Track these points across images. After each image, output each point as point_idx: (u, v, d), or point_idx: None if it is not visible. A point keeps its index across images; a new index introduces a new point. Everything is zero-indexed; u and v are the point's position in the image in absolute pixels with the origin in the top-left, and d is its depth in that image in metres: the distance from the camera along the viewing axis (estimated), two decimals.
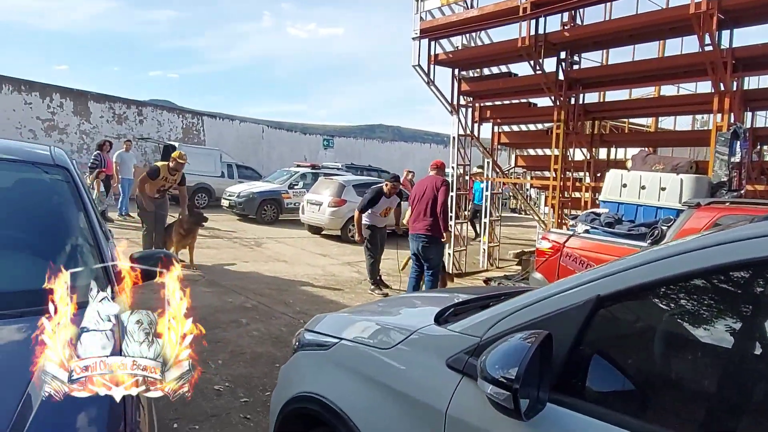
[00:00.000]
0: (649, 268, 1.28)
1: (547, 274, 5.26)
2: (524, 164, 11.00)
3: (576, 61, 8.26)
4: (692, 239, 1.35)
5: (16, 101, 15.73)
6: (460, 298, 2.31)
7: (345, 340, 1.97)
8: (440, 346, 1.60)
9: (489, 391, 1.17)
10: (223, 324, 5.26)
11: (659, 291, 1.33)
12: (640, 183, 5.72)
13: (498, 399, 1.15)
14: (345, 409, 1.78)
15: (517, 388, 1.11)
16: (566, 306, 1.32)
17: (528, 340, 1.20)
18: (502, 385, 1.14)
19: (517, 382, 1.11)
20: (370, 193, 7.02)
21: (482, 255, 10.01)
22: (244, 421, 3.37)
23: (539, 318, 1.37)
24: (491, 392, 1.16)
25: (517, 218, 19.11)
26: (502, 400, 1.13)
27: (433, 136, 42.42)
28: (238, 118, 22.22)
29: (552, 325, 1.32)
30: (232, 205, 13.45)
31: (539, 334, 1.21)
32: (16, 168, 2.34)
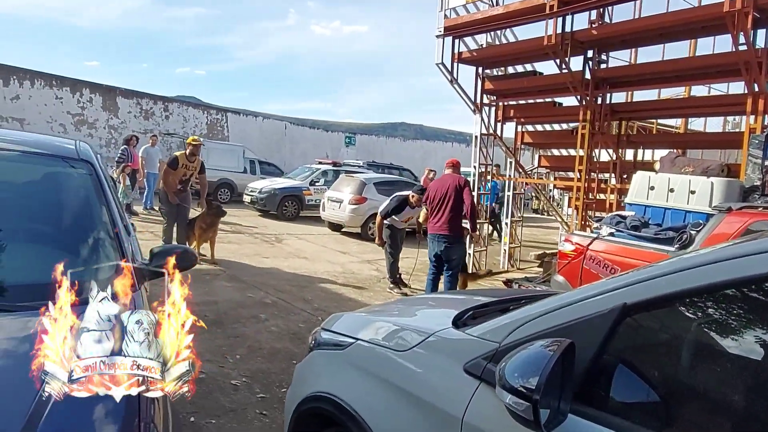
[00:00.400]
0: (679, 276, 1.23)
1: (569, 277, 5.16)
2: (548, 164, 10.84)
3: (603, 60, 8.09)
4: (726, 247, 1.28)
5: (48, 96, 16.14)
6: (478, 300, 2.26)
7: (361, 340, 1.94)
8: (457, 350, 1.56)
9: (508, 401, 1.13)
10: (243, 319, 5.30)
11: (689, 300, 1.27)
12: (669, 185, 5.56)
13: (517, 409, 1.11)
14: (359, 411, 1.76)
15: (537, 398, 1.06)
16: (590, 314, 1.27)
17: (550, 348, 1.16)
18: (522, 394, 1.10)
19: (537, 392, 1.07)
20: (395, 201, 6.98)
21: (503, 256, 9.90)
22: (260, 417, 3.38)
23: (561, 325, 1.32)
24: (510, 402, 1.12)
25: (539, 219, 18.87)
26: (522, 411, 1.09)
27: (455, 134, 42.20)
28: (262, 115, 22.45)
29: (574, 333, 1.27)
30: (254, 200, 13.56)
31: (561, 342, 1.16)
32: (42, 161, 2.38)
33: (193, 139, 7.70)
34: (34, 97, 15.88)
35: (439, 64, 8.73)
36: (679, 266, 1.25)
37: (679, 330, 1.36)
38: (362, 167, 16.24)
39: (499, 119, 9.59)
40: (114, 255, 2.05)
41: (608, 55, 8.16)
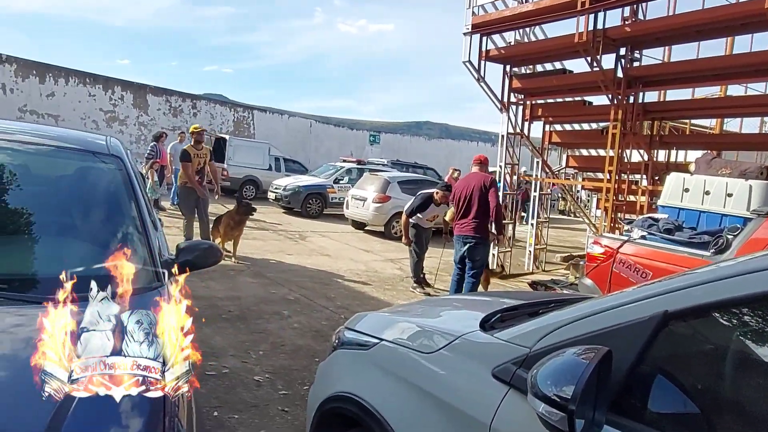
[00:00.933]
0: (725, 284, 1.16)
1: (597, 280, 5.04)
2: (576, 165, 10.62)
3: (636, 58, 7.89)
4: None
5: (81, 93, 16.54)
6: (505, 302, 2.20)
7: (386, 341, 1.91)
8: (486, 354, 1.51)
9: (540, 410, 1.08)
10: (266, 315, 5.32)
11: (735, 310, 1.20)
12: (704, 188, 5.38)
13: (551, 419, 1.06)
14: (382, 412, 1.73)
15: (573, 409, 1.01)
16: (629, 320, 1.21)
17: (585, 356, 1.10)
18: (556, 404, 1.05)
19: (573, 402, 1.01)
20: (419, 198, 6.92)
21: (528, 257, 9.75)
22: (282, 414, 3.38)
23: (597, 332, 1.26)
24: (543, 411, 1.07)
25: (565, 221, 18.56)
26: (556, 421, 1.04)
27: (480, 134, 41.86)
28: (288, 113, 22.60)
29: (611, 341, 1.21)
30: (278, 198, 13.66)
31: (598, 350, 1.10)
32: (74, 156, 2.40)
33: (195, 127, 7.94)
34: (68, 95, 16.29)
35: (466, 62, 8.63)
36: (726, 273, 1.18)
37: (722, 340, 1.29)
38: (386, 166, 16.20)
39: (526, 118, 9.43)
40: (142, 249, 2.06)
41: (641, 53, 7.95)
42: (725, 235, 4.43)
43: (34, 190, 2.18)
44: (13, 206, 2.07)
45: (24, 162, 2.31)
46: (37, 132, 2.77)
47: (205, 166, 7.74)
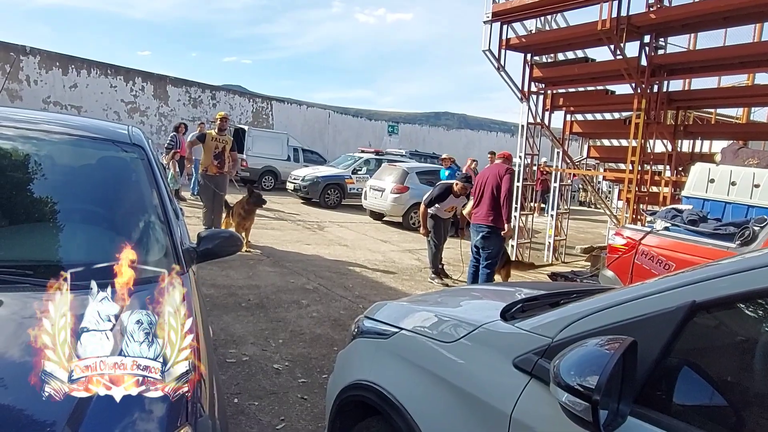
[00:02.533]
0: (754, 274, 1.12)
1: (619, 272, 4.97)
2: (597, 155, 10.45)
3: (661, 45, 7.70)
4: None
5: (103, 84, 16.77)
6: (525, 292, 2.18)
7: (405, 330, 1.90)
8: (507, 343, 1.50)
9: (564, 400, 1.06)
10: (285, 304, 5.37)
11: (763, 301, 1.16)
12: (731, 178, 5.25)
13: (574, 409, 1.04)
14: (401, 400, 1.73)
15: (597, 399, 1.00)
16: (654, 311, 1.19)
17: (610, 346, 1.09)
18: (580, 394, 1.04)
19: (597, 392, 1.00)
20: (438, 189, 6.89)
21: (547, 249, 9.66)
22: (301, 401, 3.41)
23: (621, 322, 1.24)
24: (566, 401, 1.06)
25: (585, 212, 18.32)
26: (580, 411, 1.03)
27: (499, 124, 41.41)
28: (306, 103, 22.61)
29: (636, 331, 1.19)
30: (297, 188, 13.72)
31: (623, 340, 1.08)
32: (97, 146, 2.43)
33: (220, 114, 8.05)
34: (90, 86, 16.53)
35: (485, 50, 8.52)
36: (756, 264, 1.15)
37: (750, 331, 1.26)
38: (404, 156, 16.15)
39: (547, 108, 9.29)
40: (164, 238, 2.08)
41: (666, 40, 7.75)
42: (752, 227, 4.33)
43: (57, 179, 2.21)
44: (38, 195, 2.10)
45: (48, 151, 2.34)
46: (60, 121, 2.80)
47: (224, 153, 7.74)
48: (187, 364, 1.60)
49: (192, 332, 1.77)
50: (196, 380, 1.57)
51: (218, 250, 2.37)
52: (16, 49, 15.34)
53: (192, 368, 1.61)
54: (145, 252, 2.03)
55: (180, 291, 1.95)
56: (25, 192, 2.06)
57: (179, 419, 1.40)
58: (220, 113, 8.15)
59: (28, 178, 2.12)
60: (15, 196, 2.02)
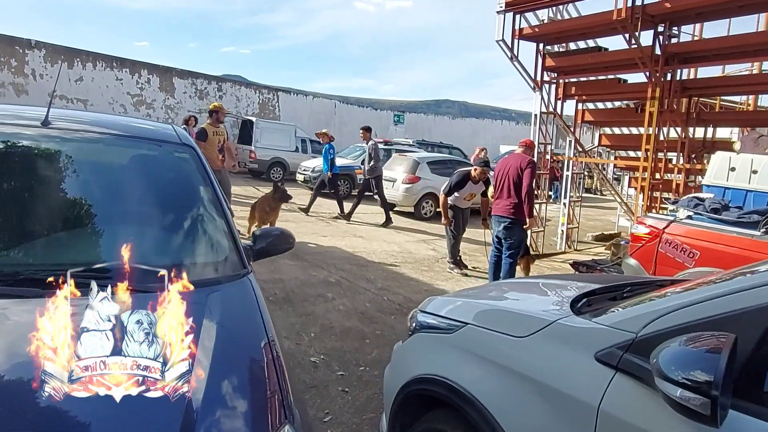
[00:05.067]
0: None
1: (642, 260, 5.02)
2: (608, 143, 10.47)
3: (675, 34, 7.70)
4: None
5: (109, 77, 16.74)
6: (578, 285, 2.23)
7: (472, 324, 1.96)
8: (587, 338, 1.56)
9: (678, 395, 1.12)
10: (311, 298, 5.43)
11: None
12: (752, 167, 5.29)
13: (691, 404, 1.10)
14: (474, 393, 1.78)
15: (716, 395, 1.05)
16: (749, 306, 1.24)
17: (715, 343, 1.14)
18: (694, 389, 1.09)
19: (716, 388, 1.05)
20: (456, 176, 6.91)
21: (560, 237, 9.71)
22: (342, 394, 3.48)
23: (712, 317, 1.29)
24: (681, 396, 1.11)
25: (592, 199, 18.33)
26: (697, 406, 1.08)
27: (500, 111, 41.26)
28: (311, 94, 22.58)
29: (729, 326, 1.24)
30: (307, 179, 13.75)
31: (727, 337, 1.14)
32: (152, 147, 2.46)
33: (214, 105, 7.81)
34: (96, 79, 16.50)
35: (499, 41, 8.51)
36: None
37: None
38: (413, 146, 16.15)
39: (559, 97, 9.30)
40: (229, 238, 2.13)
41: (680, 29, 7.76)
42: None
43: (122, 182, 2.25)
44: (108, 198, 2.14)
45: (109, 155, 2.38)
46: (108, 122, 2.81)
47: (224, 145, 7.64)
48: (273, 361, 1.65)
49: (270, 329, 1.83)
50: (280, 374, 1.63)
51: (272, 248, 2.42)
52: (21, 42, 15.29)
53: (275, 359, 1.66)
54: (215, 253, 2.07)
55: (251, 290, 2.02)
56: (96, 196, 2.09)
57: (279, 417, 1.45)
58: (215, 103, 7.96)
59: (88, 182, 2.15)
60: (84, 201, 2.06)
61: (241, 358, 1.62)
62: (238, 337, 1.71)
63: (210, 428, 1.31)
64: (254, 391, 1.50)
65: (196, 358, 1.39)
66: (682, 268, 4.69)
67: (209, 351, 1.49)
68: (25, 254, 1.86)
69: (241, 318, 1.82)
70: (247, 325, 1.78)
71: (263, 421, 1.42)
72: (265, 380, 1.56)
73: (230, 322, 1.72)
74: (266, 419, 1.43)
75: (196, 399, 1.32)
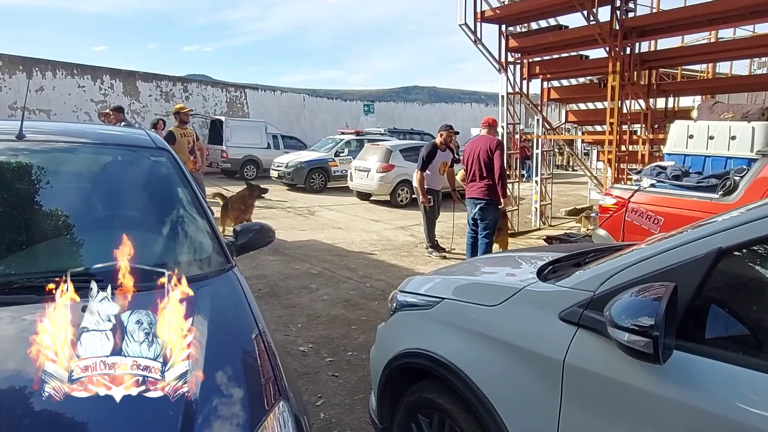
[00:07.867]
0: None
1: (611, 230, 5.24)
2: (575, 119, 10.73)
3: (631, 9, 7.92)
4: None
5: (71, 85, 16.38)
6: (546, 256, 2.38)
7: (448, 298, 2.09)
8: (551, 300, 1.70)
9: (626, 339, 1.26)
10: (295, 290, 5.53)
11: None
12: (708, 133, 5.54)
13: (637, 345, 1.24)
14: (455, 362, 1.92)
15: (657, 335, 1.20)
16: (686, 259, 1.39)
17: (656, 292, 1.29)
18: (640, 333, 1.23)
19: (656, 329, 1.20)
20: (424, 150, 7.11)
21: (534, 214, 9.96)
22: (333, 379, 3.60)
23: (657, 271, 1.44)
24: (628, 339, 1.26)
25: (563, 175, 18.71)
26: (642, 346, 1.23)
27: (469, 95, 41.50)
28: (280, 89, 22.43)
29: (671, 278, 1.39)
30: (281, 175, 13.76)
31: (667, 286, 1.29)
32: (128, 153, 2.52)
33: (178, 107, 7.78)
34: (57, 88, 16.13)
35: (462, 24, 8.63)
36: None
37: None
38: (384, 135, 16.25)
39: (524, 77, 9.49)
40: (211, 234, 2.21)
41: (636, 2, 7.98)
42: (732, 177, 4.61)
43: (104, 189, 2.31)
44: (92, 206, 2.20)
45: (87, 162, 2.43)
46: (82, 132, 2.84)
47: (194, 146, 7.65)
48: (265, 350, 1.74)
49: (260, 319, 1.92)
50: (272, 360, 1.72)
51: (253, 242, 2.52)
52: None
53: (267, 347, 1.75)
54: (199, 250, 2.16)
55: (238, 283, 2.11)
56: (80, 205, 2.16)
57: (274, 394, 1.56)
58: (178, 105, 7.94)
59: (76, 192, 2.22)
60: (70, 210, 2.12)
61: (234, 350, 1.67)
62: (230, 329, 1.76)
63: (210, 424, 1.34)
64: (249, 381, 1.56)
65: (191, 355, 1.45)
66: (648, 235, 4.92)
67: (202, 346, 1.53)
68: (22, 262, 1.92)
69: (231, 311, 1.86)
70: (237, 317, 1.83)
71: (260, 406, 1.46)
72: (258, 369, 1.62)
73: (220, 315, 1.78)
74: (262, 400, 1.50)
75: (195, 397, 1.36)
